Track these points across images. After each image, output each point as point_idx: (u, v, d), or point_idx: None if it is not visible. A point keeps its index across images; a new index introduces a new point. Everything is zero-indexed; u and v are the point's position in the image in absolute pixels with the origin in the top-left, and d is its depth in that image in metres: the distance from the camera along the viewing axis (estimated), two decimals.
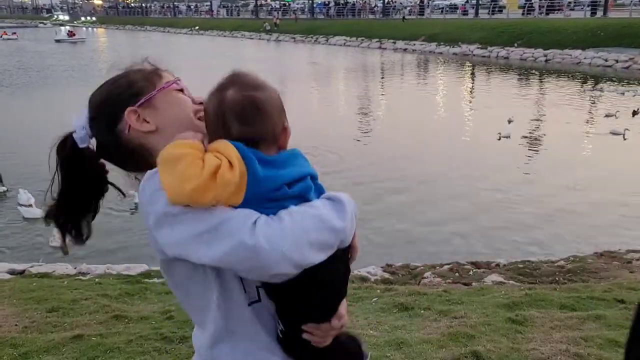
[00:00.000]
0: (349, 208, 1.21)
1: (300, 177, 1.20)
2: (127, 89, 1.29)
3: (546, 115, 16.77)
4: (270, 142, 1.21)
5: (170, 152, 1.11)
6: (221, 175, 1.07)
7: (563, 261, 6.77)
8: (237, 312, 1.21)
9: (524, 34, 32.45)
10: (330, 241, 1.16)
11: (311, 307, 1.21)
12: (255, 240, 1.07)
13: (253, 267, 1.10)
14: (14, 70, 30.72)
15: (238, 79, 1.21)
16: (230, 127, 1.16)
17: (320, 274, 1.16)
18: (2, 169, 11.25)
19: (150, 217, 1.15)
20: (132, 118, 1.27)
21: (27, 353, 3.71)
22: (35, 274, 6.68)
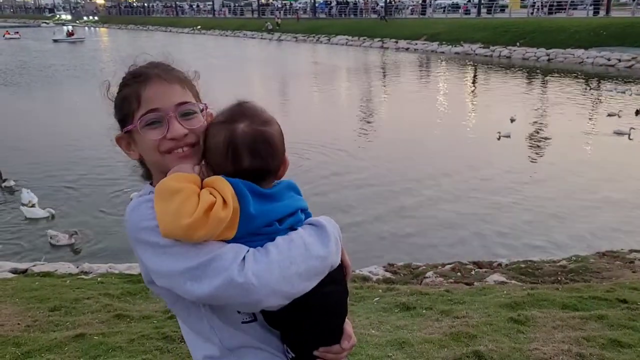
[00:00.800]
0: (331, 232, 1.23)
1: (291, 212, 1.23)
2: (120, 109, 1.30)
3: (548, 115, 16.74)
4: (274, 174, 1.24)
5: (168, 185, 1.13)
6: (215, 213, 1.09)
7: (565, 261, 6.75)
8: (230, 331, 1.22)
9: (527, 34, 32.39)
10: (318, 269, 1.18)
11: (318, 332, 1.22)
12: (245, 278, 1.09)
13: (243, 303, 1.13)
14: (16, 70, 30.77)
15: (248, 113, 1.22)
16: (242, 160, 1.18)
17: (321, 299, 1.18)
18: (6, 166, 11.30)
19: (139, 246, 1.18)
20: (122, 144, 1.32)
21: (29, 352, 3.71)
22: (38, 273, 6.68)
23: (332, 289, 1.21)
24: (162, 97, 1.24)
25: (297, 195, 1.30)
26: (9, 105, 20.43)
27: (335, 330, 1.25)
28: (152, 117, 1.23)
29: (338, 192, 10.25)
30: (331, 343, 1.24)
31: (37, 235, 8.72)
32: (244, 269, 1.10)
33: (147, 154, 1.27)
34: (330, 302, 1.23)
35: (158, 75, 1.25)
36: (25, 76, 28.27)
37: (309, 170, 11.17)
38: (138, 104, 1.25)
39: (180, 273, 1.11)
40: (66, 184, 10.85)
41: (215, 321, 1.21)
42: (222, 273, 1.09)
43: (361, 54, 37.30)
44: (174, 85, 1.25)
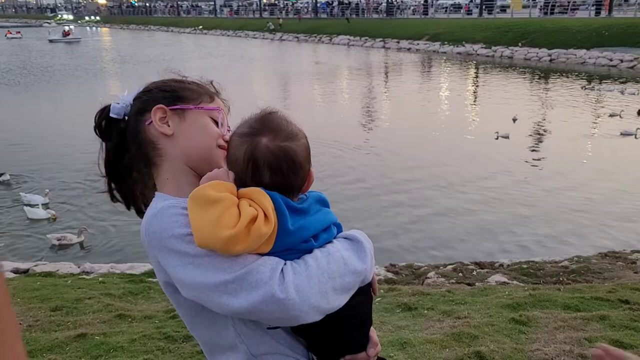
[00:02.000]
0: (367, 248, 1.22)
1: (325, 228, 1.21)
2: (175, 90, 1.30)
3: (550, 115, 16.72)
4: (298, 190, 1.21)
5: (206, 193, 1.07)
6: (257, 228, 1.05)
7: (567, 261, 6.74)
8: (257, 338, 1.20)
9: (528, 34, 32.37)
10: (353, 284, 1.17)
11: (345, 341, 1.22)
12: (286, 293, 1.06)
13: (280, 318, 1.10)
14: (17, 70, 30.82)
15: (271, 125, 1.18)
16: (262, 176, 1.14)
17: (350, 310, 1.18)
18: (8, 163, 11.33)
19: (163, 254, 1.12)
20: (157, 115, 1.27)
21: (30, 352, 3.71)
22: (40, 272, 6.69)
23: (360, 300, 1.22)
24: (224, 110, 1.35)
25: (327, 208, 1.28)
26: (10, 104, 20.45)
27: (361, 339, 1.26)
28: (219, 116, 1.30)
29: (339, 192, 10.24)
30: (358, 351, 1.24)
31: (40, 235, 8.74)
32: (285, 283, 1.07)
33: (195, 141, 1.27)
34: (358, 313, 1.23)
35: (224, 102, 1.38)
36: (28, 76, 28.32)
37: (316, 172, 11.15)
38: (211, 100, 1.32)
39: (214, 286, 1.07)
40: (66, 184, 10.87)
41: (242, 328, 1.18)
42: (261, 287, 1.06)
43: (363, 54, 37.29)
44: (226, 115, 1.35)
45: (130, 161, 1.33)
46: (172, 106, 1.27)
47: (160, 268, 1.16)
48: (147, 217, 1.18)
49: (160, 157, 1.27)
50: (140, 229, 1.19)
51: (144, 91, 1.33)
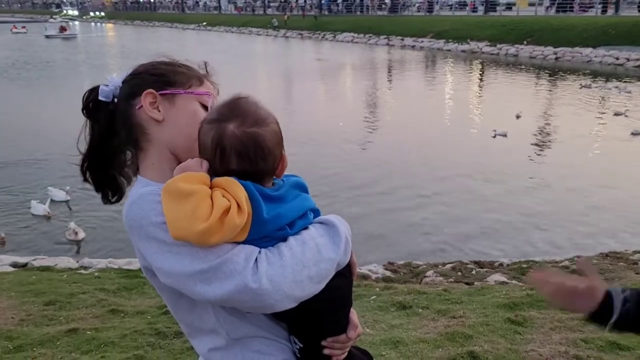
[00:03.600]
0: (342, 232, 1.21)
1: (301, 215, 1.20)
2: (164, 74, 1.28)
3: (553, 114, 16.63)
4: (269, 175, 1.20)
5: (178, 185, 1.07)
6: (230, 219, 1.05)
7: (568, 261, 6.68)
8: (236, 322, 1.20)
9: (534, 32, 32.20)
10: (329, 271, 1.16)
11: (325, 324, 1.22)
12: (259, 283, 1.07)
13: (255, 307, 1.11)
14: (20, 64, 30.89)
15: (239, 111, 1.16)
16: (229, 162, 1.13)
17: (328, 293, 1.18)
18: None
19: (142, 241, 1.13)
20: (147, 100, 1.25)
21: (21, 346, 3.69)
22: (38, 267, 6.68)
23: (338, 283, 1.21)
24: (214, 92, 1.33)
25: (305, 193, 1.26)
26: (13, 99, 20.47)
27: (341, 321, 1.26)
28: (208, 101, 1.28)
29: (339, 190, 10.20)
30: (338, 333, 1.24)
31: (40, 231, 8.75)
32: (258, 273, 1.07)
33: (183, 127, 1.24)
34: (336, 295, 1.23)
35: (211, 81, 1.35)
36: (32, 71, 28.40)
37: (310, 166, 11.10)
38: (200, 83, 1.30)
39: (190, 274, 1.08)
40: (66, 179, 10.87)
41: (222, 313, 1.18)
42: (235, 277, 1.06)
43: (367, 51, 37.20)
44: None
45: (117, 144, 1.32)
46: (162, 91, 1.25)
47: (139, 253, 1.17)
48: (127, 203, 1.18)
49: (148, 142, 1.26)
50: (122, 214, 1.19)
51: (132, 74, 1.31)
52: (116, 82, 1.30)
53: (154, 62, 1.32)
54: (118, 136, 1.31)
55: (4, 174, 11.44)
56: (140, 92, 1.25)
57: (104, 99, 1.30)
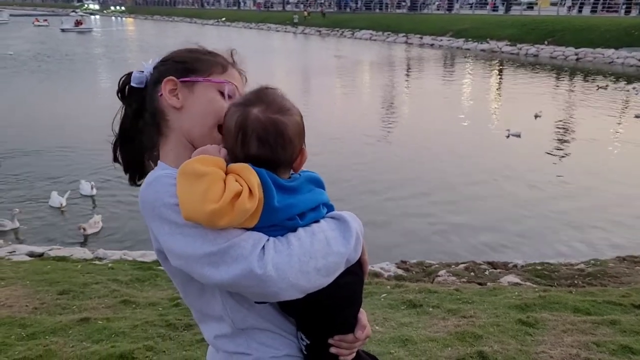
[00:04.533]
0: (353, 228, 1.21)
1: (313, 207, 1.20)
2: (186, 62, 1.30)
3: (572, 115, 16.41)
4: (287, 166, 1.20)
5: (193, 167, 1.09)
6: (241, 203, 1.06)
7: (583, 264, 6.60)
8: (243, 312, 1.21)
9: (556, 32, 31.79)
10: (337, 265, 1.16)
11: (332, 321, 1.22)
12: (264, 270, 1.07)
13: (259, 293, 1.12)
14: (41, 57, 31.30)
15: (265, 98, 1.19)
16: (249, 146, 1.15)
17: (337, 290, 1.17)
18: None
19: (155, 221, 1.15)
20: (167, 87, 1.28)
21: (34, 334, 3.74)
22: (53, 257, 6.77)
23: (348, 280, 1.21)
24: (238, 84, 1.32)
25: (320, 189, 1.26)
26: (34, 90, 20.75)
27: (349, 320, 1.25)
28: (231, 90, 1.28)
29: (354, 187, 10.19)
30: (345, 332, 1.23)
31: (56, 222, 8.88)
32: (264, 260, 1.08)
33: (200, 116, 1.26)
34: (345, 293, 1.22)
35: (239, 69, 1.36)
36: (52, 63, 28.75)
37: (325, 162, 11.10)
38: (223, 71, 1.30)
39: (198, 257, 1.10)
40: (82, 171, 11.00)
41: (229, 301, 1.19)
42: (241, 262, 1.08)
43: (385, 49, 37.04)
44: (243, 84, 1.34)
45: (143, 128, 1.35)
46: (183, 78, 1.27)
47: (153, 235, 1.19)
48: (144, 185, 1.21)
49: (168, 129, 1.28)
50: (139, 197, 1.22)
51: (162, 61, 1.33)
52: (148, 68, 1.34)
53: (181, 50, 1.34)
54: (144, 120, 1.34)
55: (27, 163, 11.68)
56: (162, 79, 1.28)
57: (136, 85, 1.33)
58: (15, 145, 12.85)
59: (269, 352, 1.22)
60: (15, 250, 7.00)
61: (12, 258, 6.48)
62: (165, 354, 3.34)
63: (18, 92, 20.42)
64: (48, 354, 3.30)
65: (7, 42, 40.16)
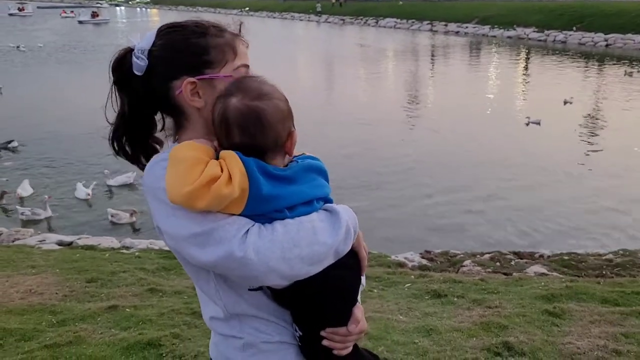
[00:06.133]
0: (344, 220, 1.19)
1: (306, 201, 1.18)
2: (203, 53, 1.23)
3: (599, 102, 16.08)
4: (274, 151, 1.19)
5: (179, 151, 1.13)
6: (216, 188, 1.07)
7: (612, 254, 6.48)
8: (234, 297, 1.21)
9: (584, 17, 31.09)
10: (322, 255, 1.15)
11: (323, 312, 1.21)
12: (244, 252, 1.08)
13: (242, 276, 1.13)
14: (67, 48, 31.79)
15: (242, 87, 1.19)
16: (232, 135, 1.16)
17: (327, 282, 1.17)
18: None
19: (153, 203, 1.18)
20: (188, 89, 1.22)
21: (64, 320, 3.82)
22: (82, 245, 6.91)
23: (340, 273, 1.19)
24: (247, 56, 1.28)
25: (320, 178, 1.23)
26: (64, 80, 21.12)
27: (342, 313, 1.23)
28: (246, 73, 1.25)
29: (379, 176, 10.16)
30: (337, 325, 1.22)
31: (83, 212, 9.07)
32: (245, 243, 1.09)
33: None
34: (337, 286, 1.21)
35: (237, 36, 1.28)
36: (77, 54, 29.21)
37: (349, 150, 11.08)
38: (234, 55, 1.24)
39: (186, 237, 1.12)
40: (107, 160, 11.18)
41: (222, 285, 1.21)
42: (224, 244, 1.09)
43: (409, 37, 36.66)
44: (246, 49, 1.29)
45: (150, 112, 1.31)
46: (201, 75, 1.22)
47: (152, 215, 1.22)
48: (147, 166, 1.23)
49: (188, 122, 1.27)
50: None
51: (164, 47, 1.24)
52: (143, 47, 1.24)
53: (190, 34, 1.24)
54: (151, 107, 1.29)
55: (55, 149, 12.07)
56: (178, 76, 1.22)
57: (139, 73, 1.24)
58: (44, 134, 13.17)
59: (260, 337, 1.23)
60: (45, 239, 7.16)
61: (42, 247, 6.63)
62: (190, 341, 3.39)
63: (50, 81, 20.88)
64: (78, 340, 3.38)
65: (36, 34, 40.97)
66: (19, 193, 9.37)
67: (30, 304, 4.14)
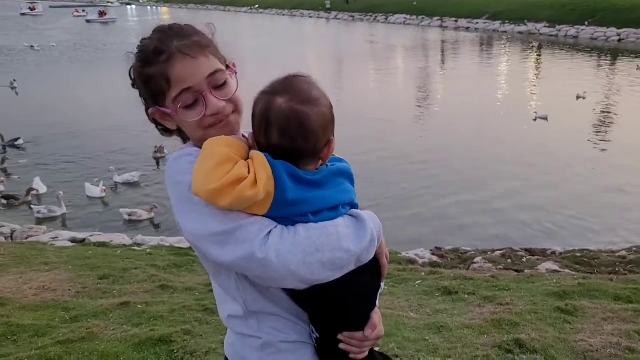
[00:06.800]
0: (369, 228, 1.18)
1: (331, 207, 1.17)
2: (148, 83, 1.22)
3: (614, 98, 15.91)
4: (311, 157, 1.17)
5: (213, 145, 1.12)
6: (240, 190, 1.07)
7: (625, 251, 6.43)
8: (255, 295, 1.21)
9: (596, 12, 30.77)
10: (345, 261, 1.14)
11: (342, 316, 1.21)
12: (265, 254, 1.08)
13: (262, 278, 1.12)
14: (79, 47, 31.99)
15: (291, 88, 1.16)
16: (271, 135, 1.14)
17: (347, 286, 1.16)
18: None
19: (174, 196, 1.18)
20: (157, 116, 1.27)
21: (77, 317, 3.86)
22: (95, 242, 6.97)
23: (361, 279, 1.19)
24: (190, 73, 1.19)
25: (347, 182, 1.24)
26: (76, 80, 21.26)
27: (360, 318, 1.24)
28: (188, 99, 1.20)
29: (389, 172, 10.13)
30: (354, 329, 1.22)
31: (95, 210, 9.13)
32: (267, 245, 1.08)
33: (190, 131, 1.24)
34: (357, 291, 1.21)
35: (180, 51, 1.19)
36: (90, 53, 29.39)
37: (362, 147, 11.06)
38: (169, 84, 1.20)
39: (206, 236, 1.12)
40: (119, 160, 11.26)
41: (243, 281, 1.20)
42: (245, 244, 1.09)
43: (419, 33, 36.50)
44: (199, 59, 1.20)
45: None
46: (157, 107, 1.24)
47: (173, 209, 1.21)
48: (169, 161, 1.23)
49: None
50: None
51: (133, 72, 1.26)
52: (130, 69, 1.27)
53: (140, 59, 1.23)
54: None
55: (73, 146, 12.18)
56: (149, 103, 1.26)
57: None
58: (57, 131, 13.29)
59: (279, 337, 1.22)
60: (58, 236, 7.23)
61: (55, 244, 6.70)
62: (202, 337, 3.40)
63: (62, 80, 21.05)
64: (90, 336, 3.40)
65: (48, 33, 41.28)
66: (37, 191, 9.48)
67: (43, 300, 4.18)
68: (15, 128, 13.03)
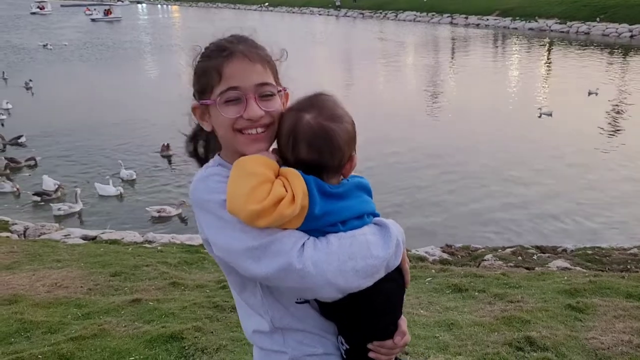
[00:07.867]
0: (394, 235, 1.21)
1: (357, 216, 1.21)
2: (201, 76, 1.26)
3: (626, 94, 15.75)
4: (334, 171, 1.22)
5: (247, 164, 1.14)
6: (281, 209, 1.09)
7: (636, 249, 6.38)
8: (282, 310, 1.23)
9: (608, 8, 30.48)
10: (376, 268, 1.17)
11: (371, 326, 1.23)
12: (303, 264, 1.10)
13: (298, 289, 1.15)
14: (90, 46, 32.19)
15: (318, 104, 1.21)
16: (299, 150, 1.18)
17: (376, 295, 1.19)
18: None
19: (203, 215, 1.19)
20: (197, 113, 1.30)
21: (89, 313, 3.90)
22: (106, 240, 7.02)
23: (389, 287, 1.22)
24: (243, 75, 1.22)
25: (367, 196, 1.27)
26: (87, 78, 21.40)
27: (388, 326, 1.26)
28: (232, 95, 1.22)
29: (399, 169, 10.12)
30: (384, 338, 1.25)
31: (107, 208, 9.20)
32: (303, 256, 1.11)
33: (220, 129, 1.26)
34: (386, 299, 1.24)
35: (242, 52, 1.23)
36: (102, 52, 29.58)
37: (373, 146, 11.04)
38: (219, 78, 1.23)
39: (241, 251, 1.13)
40: (134, 158, 11.33)
41: (269, 297, 1.23)
42: (282, 256, 1.11)
43: (430, 30, 36.36)
44: (256, 65, 1.23)
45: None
46: (201, 101, 1.27)
47: (201, 227, 1.23)
48: (196, 179, 1.24)
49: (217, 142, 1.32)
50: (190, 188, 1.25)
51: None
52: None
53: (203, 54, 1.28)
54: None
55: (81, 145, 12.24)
56: (195, 99, 1.28)
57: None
58: (71, 131, 13.40)
59: (305, 351, 1.24)
60: (70, 233, 7.29)
61: (67, 241, 6.75)
62: (213, 334, 3.42)
63: (74, 78, 21.23)
64: (102, 333, 3.44)
65: (59, 32, 41.59)
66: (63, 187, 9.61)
67: (56, 297, 4.23)
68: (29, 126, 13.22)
